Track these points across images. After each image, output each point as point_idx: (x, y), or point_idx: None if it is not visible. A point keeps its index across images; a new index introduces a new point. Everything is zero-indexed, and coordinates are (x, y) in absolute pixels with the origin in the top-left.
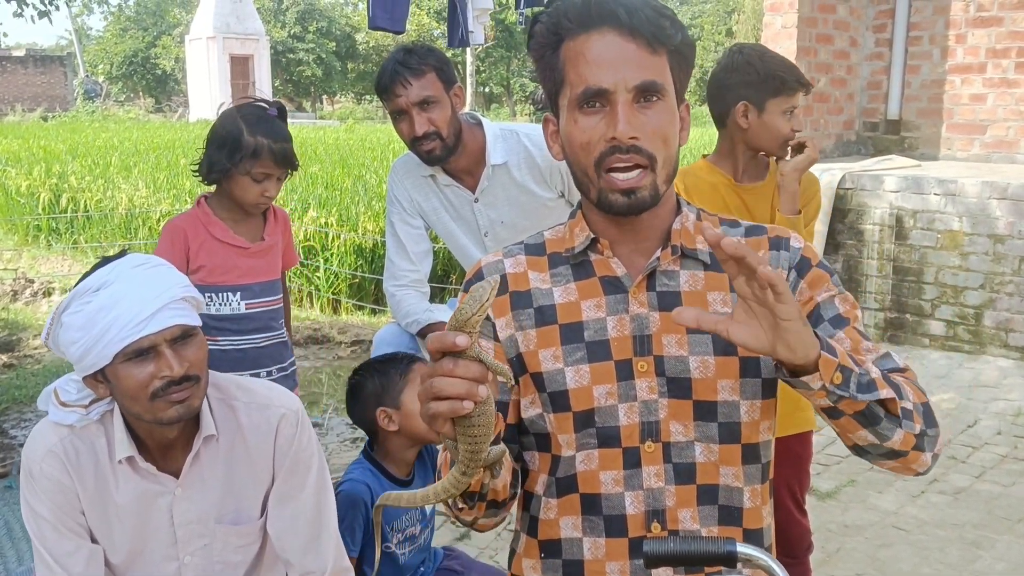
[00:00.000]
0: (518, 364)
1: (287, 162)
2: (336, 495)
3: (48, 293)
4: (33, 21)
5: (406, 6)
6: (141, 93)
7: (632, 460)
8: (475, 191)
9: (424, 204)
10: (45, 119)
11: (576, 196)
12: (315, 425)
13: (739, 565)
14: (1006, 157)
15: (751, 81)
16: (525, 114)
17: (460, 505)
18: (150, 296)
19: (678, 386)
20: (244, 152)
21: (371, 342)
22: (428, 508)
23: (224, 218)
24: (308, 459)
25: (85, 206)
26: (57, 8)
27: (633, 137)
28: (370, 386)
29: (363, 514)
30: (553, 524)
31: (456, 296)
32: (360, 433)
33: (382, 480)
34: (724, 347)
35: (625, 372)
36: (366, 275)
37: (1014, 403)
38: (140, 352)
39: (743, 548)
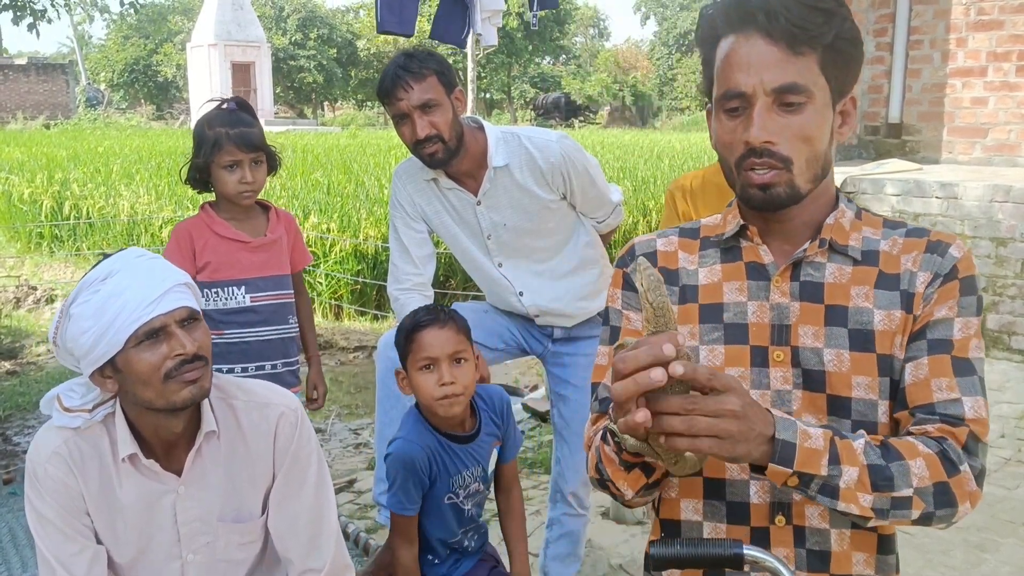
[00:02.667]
0: None
1: (250, 145)
2: (387, 456)
3: (51, 300)
4: (30, 30)
5: (415, 9)
6: (143, 100)
7: None
8: (477, 194)
9: (427, 208)
10: (47, 127)
11: (578, 200)
12: (318, 431)
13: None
14: (1008, 160)
15: None
16: (526, 120)
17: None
18: (156, 280)
19: (812, 379)
20: (207, 145)
21: (374, 347)
22: (491, 467)
23: (226, 218)
24: (307, 457)
25: (87, 213)
26: (49, 21)
27: (767, 142)
28: (400, 351)
29: (418, 474)
30: (674, 504)
31: (457, 300)
32: (362, 439)
33: (437, 436)
34: (862, 343)
35: (760, 359)
36: (368, 281)
37: (1017, 406)
38: (151, 333)
39: (750, 550)
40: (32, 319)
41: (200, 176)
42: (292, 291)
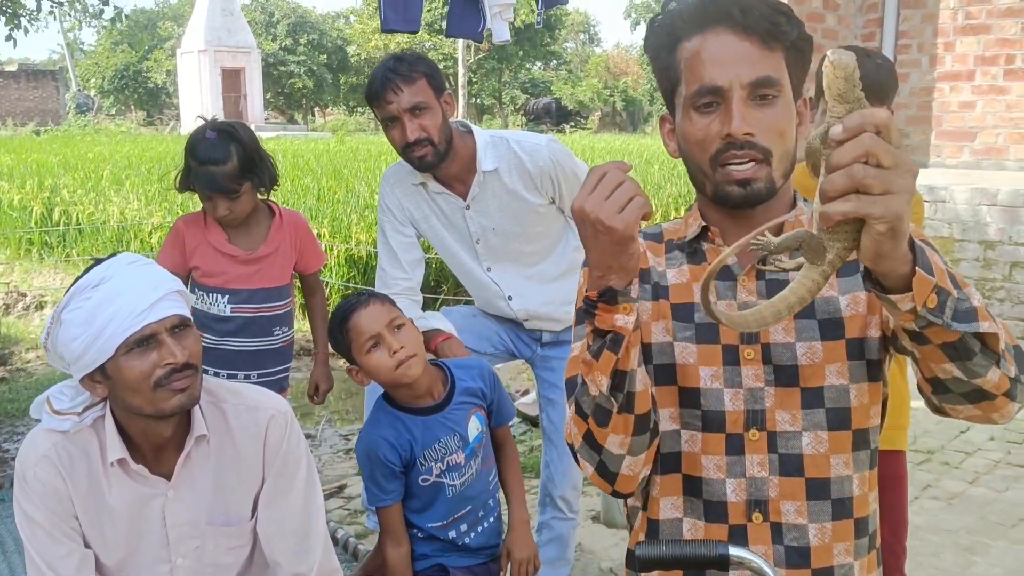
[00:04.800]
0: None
1: (212, 186)
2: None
3: (40, 306)
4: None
5: (419, 5)
6: (133, 106)
7: (735, 447)
8: (466, 198)
9: (415, 212)
10: (37, 133)
11: (566, 204)
12: (308, 436)
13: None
14: (996, 164)
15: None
16: (517, 125)
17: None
18: (148, 287)
19: (784, 374)
20: (188, 172)
21: None
22: (471, 434)
23: (224, 226)
24: (297, 461)
25: (77, 219)
26: (25, 32)
27: (748, 133)
28: (342, 350)
29: (384, 463)
30: (655, 502)
31: (449, 305)
32: (352, 445)
33: (404, 418)
34: (832, 331)
35: (731, 357)
36: (359, 285)
37: None
38: (142, 341)
39: (735, 550)
40: (21, 326)
41: (185, 189)
42: (286, 301)
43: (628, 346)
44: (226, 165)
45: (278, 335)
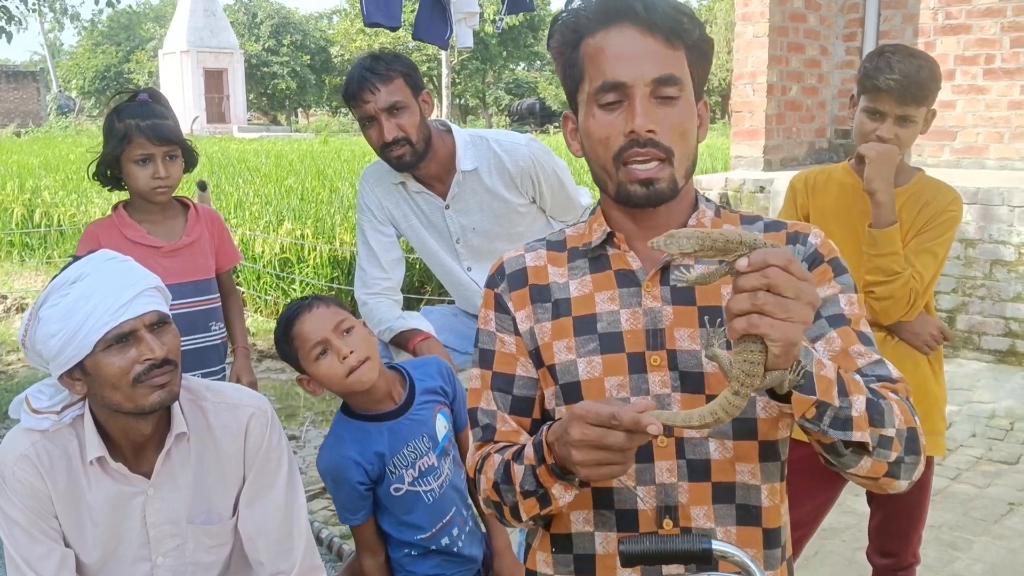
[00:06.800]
0: (536, 357)
1: (161, 138)
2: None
3: (21, 309)
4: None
5: (399, 1)
6: None
7: (644, 455)
8: (446, 198)
9: (395, 211)
10: (18, 135)
11: (547, 203)
12: (292, 437)
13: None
14: (976, 163)
15: (861, 73)
16: (501, 126)
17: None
18: (126, 284)
19: (691, 381)
20: (116, 138)
21: None
22: (440, 433)
23: (141, 220)
24: (278, 459)
25: (59, 221)
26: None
27: (651, 131)
28: (290, 360)
29: (348, 482)
30: (564, 518)
31: (422, 307)
32: None
33: (367, 428)
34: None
35: (637, 365)
36: (342, 287)
37: (988, 405)
38: (121, 337)
39: (719, 545)
40: (2, 328)
41: (111, 172)
42: (216, 295)
43: (553, 512)
44: (168, 120)
45: (215, 330)
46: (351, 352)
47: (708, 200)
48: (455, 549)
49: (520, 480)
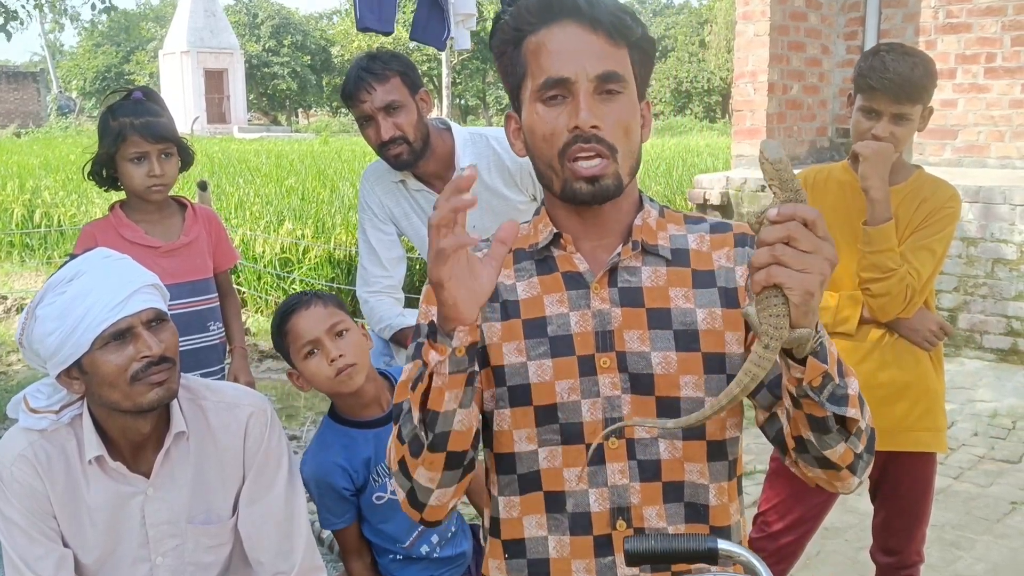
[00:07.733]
0: (482, 356)
1: (156, 135)
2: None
3: (21, 309)
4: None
5: (393, 6)
6: None
7: (596, 457)
8: None
9: (395, 210)
10: (18, 135)
11: None
12: (293, 438)
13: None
14: (977, 161)
15: (856, 72)
16: (501, 126)
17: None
18: (123, 281)
19: (640, 382)
20: (111, 137)
21: None
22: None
23: (138, 220)
24: (278, 458)
25: (59, 221)
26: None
27: (595, 126)
28: (282, 353)
29: (332, 488)
30: (516, 523)
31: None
32: None
33: (353, 435)
34: (687, 343)
35: (588, 367)
36: (342, 287)
37: (990, 404)
38: (118, 335)
39: (724, 545)
40: (2, 328)
41: (107, 172)
42: (214, 295)
43: (442, 388)
44: (163, 118)
45: (214, 330)
46: (340, 356)
47: (652, 200)
48: (435, 555)
49: (412, 381)
